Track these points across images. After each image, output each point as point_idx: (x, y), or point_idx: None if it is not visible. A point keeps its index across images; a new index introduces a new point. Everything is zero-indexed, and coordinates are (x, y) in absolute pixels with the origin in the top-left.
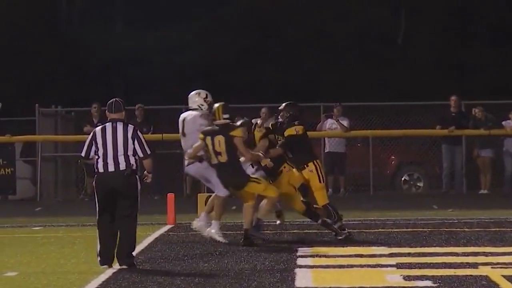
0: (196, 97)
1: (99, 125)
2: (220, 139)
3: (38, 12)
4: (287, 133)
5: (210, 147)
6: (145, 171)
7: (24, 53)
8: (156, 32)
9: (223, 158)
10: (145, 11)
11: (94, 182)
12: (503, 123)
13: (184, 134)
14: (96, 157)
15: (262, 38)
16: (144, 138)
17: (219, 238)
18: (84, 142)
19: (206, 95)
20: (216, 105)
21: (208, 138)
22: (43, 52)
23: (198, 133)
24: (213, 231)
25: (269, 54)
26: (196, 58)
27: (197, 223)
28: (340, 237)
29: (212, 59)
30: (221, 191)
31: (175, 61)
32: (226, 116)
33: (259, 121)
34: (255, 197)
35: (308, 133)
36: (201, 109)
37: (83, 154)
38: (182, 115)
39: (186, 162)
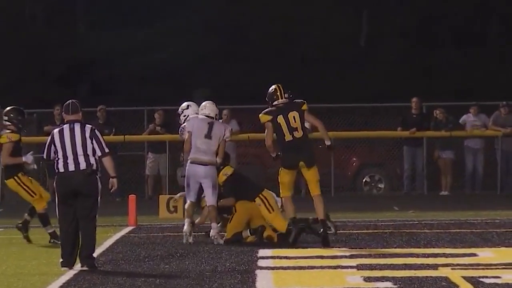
0: (214, 107)
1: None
2: (294, 114)
3: (2, 11)
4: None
5: (284, 124)
6: (110, 178)
7: None
8: (120, 34)
9: (299, 134)
10: (109, 12)
11: (54, 183)
12: (463, 117)
13: (210, 137)
14: (56, 158)
15: (227, 40)
16: (102, 137)
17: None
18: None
19: None
20: (272, 87)
21: (280, 117)
22: (6, 52)
23: (219, 141)
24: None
25: (234, 56)
26: (160, 60)
27: (213, 232)
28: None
29: (176, 61)
30: (213, 201)
31: (139, 63)
32: (286, 95)
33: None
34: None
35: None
36: (216, 119)
37: (44, 155)
38: (203, 119)
39: (194, 162)
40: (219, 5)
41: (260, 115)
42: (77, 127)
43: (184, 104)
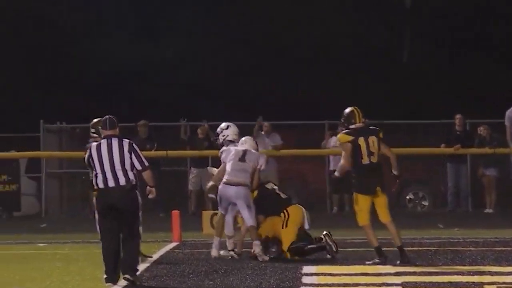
0: (254, 143)
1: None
2: (373, 139)
3: (43, 27)
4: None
5: (364, 147)
6: (148, 187)
7: (29, 68)
8: (159, 46)
9: (375, 159)
10: (148, 24)
11: (94, 199)
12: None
13: (244, 160)
14: (95, 173)
15: (266, 54)
16: (140, 151)
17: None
18: None
19: None
20: (350, 109)
21: (361, 139)
22: (49, 67)
23: (253, 167)
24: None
25: (274, 71)
26: (199, 73)
27: (257, 250)
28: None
29: (214, 74)
30: (251, 221)
31: (180, 76)
32: (364, 119)
33: None
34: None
35: (313, 151)
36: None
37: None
38: (239, 147)
39: (227, 183)
40: (256, 18)
41: (339, 135)
42: (115, 142)
43: (224, 125)
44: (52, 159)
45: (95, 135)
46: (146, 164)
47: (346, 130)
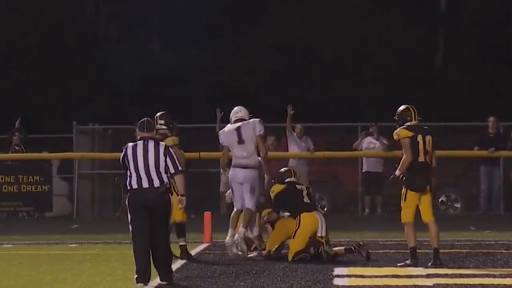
0: (245, 110)
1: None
2: (429, 139)
3: (76, 29)
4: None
5: (421, 144)
6: (179, 196)
7: (63, 70)
8: (192, 51)
9: (429, 158)
10: (182, 29)
11: (127, 199)
12: None
13: (242, 142)
14: (128, 173)
15: (298, 58)
16: (175, 155)
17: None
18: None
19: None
20: (405, 106)
21: (420, 136)
22: (81, 69)
23: (255, 139)
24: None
25: (305, 74)
26: (233, 77)
27: (237, 237)
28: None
29: (248, 79)
30: (251, 204)
31: (212, 80)
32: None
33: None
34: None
35: (346, 153)
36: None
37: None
38: (233, 126)
39: (236, 166)
40: (290, 24)
41: (399, 129)
42: (151, 144)
43: (236, 108)
44: (84, 160)
45: (163, 127)
46: (180, 168)
47: (405, 126)
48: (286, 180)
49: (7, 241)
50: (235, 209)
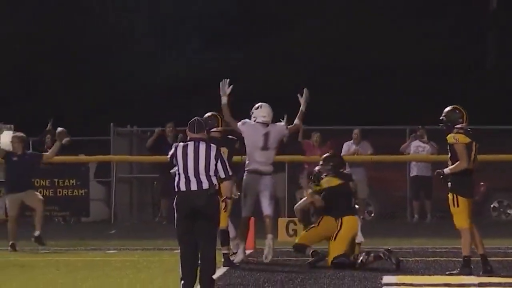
0: (271, 112)
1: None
2: (477, 145)
3: (113, 29)
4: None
5: (473, 151)
6: (224, 197)
7: (100, 71)
8: (229, 54)
9: (474, 164)
10: (218, 31)
11: (174, 202)
12: None
13: (267, 148)
14: (177, 174)
15: (345, 58)
16: (226, 159)
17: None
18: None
19: None
20: (454, 107)
21: (474, 142)
22: (119, 70)
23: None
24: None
25: (354, 76)
26: (276, 81)
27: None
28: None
29: (296, 80)
30: (270, 210)
31: (255, 81)
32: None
33: None
34: None
35: (395, 156)
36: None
37: (172, 170)
38: (261, 129)
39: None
40: (336, 26)
41: (459, 135)
42: (202, 146)
43: (257, 104)
44: (122, 163)
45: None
46: (230, 173)
47: (462, 130)
48: (340, 171)
49: (42, 247)
50: (244, 216)
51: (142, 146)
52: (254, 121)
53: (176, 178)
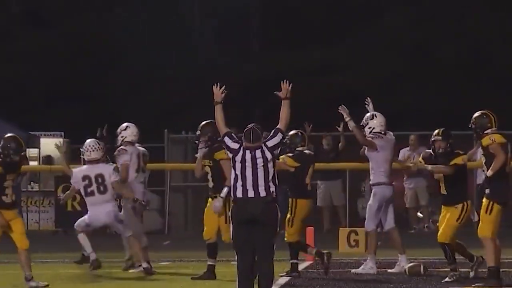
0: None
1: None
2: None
3: (168, 33)
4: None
5: (509, 154)
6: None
7: (154, 76)
8: (296, 53)
9: (509, 169)
10: (285, 29)
11: (230, 210)
12: None
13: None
14: (233, 182)
15: (410, 61)
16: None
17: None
18: None
19: None
20: (483, 112)
21: (509, 146)
22: (174, 75)
23: None
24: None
25: (419, 78)
26: (339, 82)
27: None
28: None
29: (357, 83)
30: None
31: (316, 84)
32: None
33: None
34: None
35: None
36: None
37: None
38: (392, 139)
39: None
40: (404, 22)
41: (496, 135)
42: (259, 153)
43: (369, 114)
44: (176, 171)
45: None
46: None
47: (498, 132)
48: (298, 152)
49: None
50: (370, 229)
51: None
52: (371, 131)
53: (232, 185)
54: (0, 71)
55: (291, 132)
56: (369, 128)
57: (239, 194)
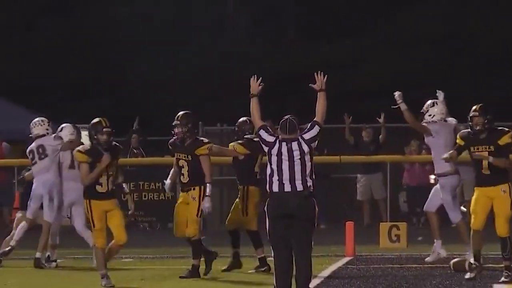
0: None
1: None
2: None
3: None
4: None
5: None
6: None
7: (188, 65)
8: (332, 43)
9: None
10: (320, 19)
11: (266, 205)
12: None
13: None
14: (269, 175)
15: (448, 50)
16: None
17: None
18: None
19: None
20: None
21: None
22: (208, 63)
23: None
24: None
25: (457, 68)
26: (372, 73)
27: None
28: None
29: (392, 74)
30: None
31: (351, 75)
32: None
33: None
34: None
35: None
36: None
37: None
38: (448, 125)
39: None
40: (441, 12)
41: None
42: (295, 145)
43: (430, 102)
44: (211, 165)
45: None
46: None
47: None
48: (247, 139)
49: (127, 255)
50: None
51: None
52: (432, 119)
53: (268, 179)
54: (27, 63)
55: (240, 120)
56: (430, 115)
57: (275, 188)
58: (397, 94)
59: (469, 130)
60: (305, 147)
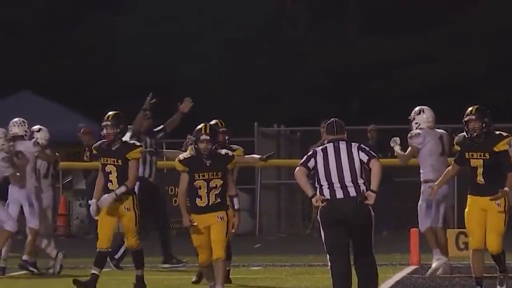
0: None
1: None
2: None
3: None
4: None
5: None
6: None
7: (243, 65)
8: (396, 40)
9: None
10: (384, 15)
11: (318, 213)
12: None
13: (444, 154)
14: (318, 183)
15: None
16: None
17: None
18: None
19: None
20: None
21: None
22: (264, 64)
23: None
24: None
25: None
26: (437, 72)
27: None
28: None
29: (461, 73)
30: None
31: (416, 74)
32: None
33: None
34: None
35: None
36: None
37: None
38: (435, 132)
39: None
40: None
41: None
42: (343, 146)
43: (417, 109)
44: (268, 168)
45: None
46: (374, 154)
47: None
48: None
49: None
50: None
51: (291, 148)
52: (418, 127)
53: (318, 186)
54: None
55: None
56: (416, 123)
57: (326, 194)
58: (393, 140)
59: (465, 134)
60: (354, 147)
